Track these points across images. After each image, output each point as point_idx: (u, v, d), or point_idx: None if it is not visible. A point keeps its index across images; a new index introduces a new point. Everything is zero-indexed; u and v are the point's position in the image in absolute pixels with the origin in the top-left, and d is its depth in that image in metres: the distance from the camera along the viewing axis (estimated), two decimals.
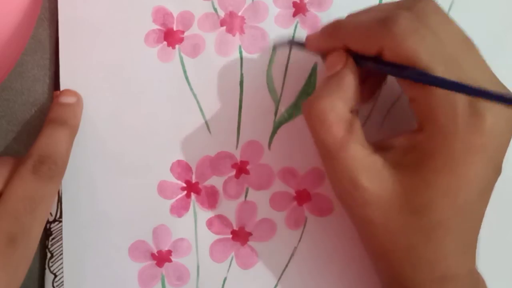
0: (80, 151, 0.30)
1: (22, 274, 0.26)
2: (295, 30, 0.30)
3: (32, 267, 0.30)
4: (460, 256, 0.24)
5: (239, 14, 0.30)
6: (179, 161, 0.30)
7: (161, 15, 0.30)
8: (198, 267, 0.30)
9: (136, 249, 0.30)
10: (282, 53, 0.30)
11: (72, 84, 0.30)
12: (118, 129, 0.30)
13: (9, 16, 0.25)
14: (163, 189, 0.30)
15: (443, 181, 0.23)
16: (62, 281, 0.30)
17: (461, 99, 0.22)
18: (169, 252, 0.30)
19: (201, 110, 0.30)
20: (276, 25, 0.30)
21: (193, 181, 0.30)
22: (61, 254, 0.30)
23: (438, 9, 0.24)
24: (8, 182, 0.26)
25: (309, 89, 0.30)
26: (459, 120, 0.22)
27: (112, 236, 0.30)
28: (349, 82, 0.25)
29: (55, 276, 0.30)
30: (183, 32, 0.30)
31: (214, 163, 0.30)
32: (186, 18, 0.30)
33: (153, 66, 0.30)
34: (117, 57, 0.30)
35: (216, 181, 0.30)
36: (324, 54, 0.27)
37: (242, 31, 0.30)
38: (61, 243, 0.30)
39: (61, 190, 0.30)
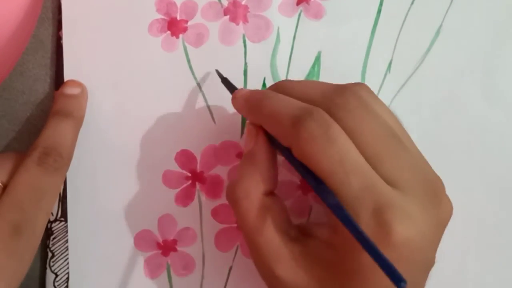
0: (85, 141, 0.30)
1: (27, 263, 0.26)
2: (298, 19, 0.30)
3: (33, 267, 0.30)
4: None
5: (243, 3, 0.30)
6: (183, 151, 0.30)
7: (165, 4, 0.30)
8: (203, 256, 0.30)
9: (142, 239, 0.30)
10: (286, 42, 0.30)
11: (76, 76, 0.30)
12: (123, 119, 0.30)
13: (10, 15, 0.25)
14: (168, 179, 0.30)
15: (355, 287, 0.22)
16: (63, 281, 0.30)
17: (365, 209, 0.21)
18: (175, 241, 0.30)
19: (205, 99, 0.30)
20: (279, 13, 0.30)
21: (198, 170, 0.30)
22: (62, 253, 0.30)
23: (366, 100, 0.23)
24: (13, 174, 0.26)
25: (312, 78, 0.30)
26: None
27: (118, 226, 0.30)
28: (262, 163, 0.25)
29: (56, 275, 0.30)
30: (186, 21, 0.30)
31: (218, 152, 0.30)
32: (190, 7, 0.30)
33: (157, 55, 0.30)
34: (121, 47, 0.30)
35: (221, 171, 0.30)
36: None
37: (245, 20, 0.30)
38: (62, 243, 0.30)
39: (65, 184, 0.30)
